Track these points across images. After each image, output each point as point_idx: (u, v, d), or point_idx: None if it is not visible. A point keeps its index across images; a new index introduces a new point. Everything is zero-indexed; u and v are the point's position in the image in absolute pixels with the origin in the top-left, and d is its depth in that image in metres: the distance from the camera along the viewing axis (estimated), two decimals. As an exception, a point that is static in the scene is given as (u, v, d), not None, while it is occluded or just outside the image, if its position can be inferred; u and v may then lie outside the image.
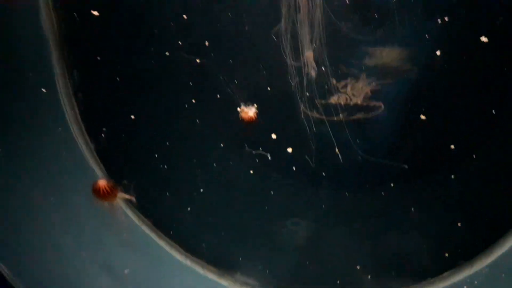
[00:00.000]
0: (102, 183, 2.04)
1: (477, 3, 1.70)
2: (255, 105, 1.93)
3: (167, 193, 2.21)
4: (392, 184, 2.02)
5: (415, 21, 1.73)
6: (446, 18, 1.69)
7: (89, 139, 2.05)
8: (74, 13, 1.90)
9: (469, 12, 1.69)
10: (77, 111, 2.01)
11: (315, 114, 1.91)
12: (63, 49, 1.96)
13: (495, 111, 1.83)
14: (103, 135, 2.07)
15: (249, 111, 1.93)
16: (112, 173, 2.12)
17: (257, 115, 1.93)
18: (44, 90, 1.96)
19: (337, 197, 2.07)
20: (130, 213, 2.18)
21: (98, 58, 1.97)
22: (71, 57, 1.97)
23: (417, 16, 1.72)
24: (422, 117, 1.86)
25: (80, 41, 1.98)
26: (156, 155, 2.10)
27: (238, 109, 1.94)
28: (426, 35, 1.74)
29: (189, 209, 2.18)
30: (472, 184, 1.98)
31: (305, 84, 1.86)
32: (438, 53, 1.76)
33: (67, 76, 1.98)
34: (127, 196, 2.12)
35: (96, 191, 2.04)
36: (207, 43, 1.88)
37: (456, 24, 1.71)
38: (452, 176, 1.96)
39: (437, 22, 1.70)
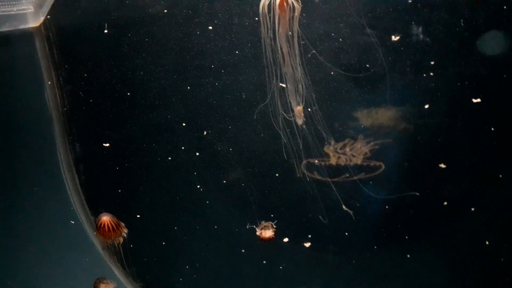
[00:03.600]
0: (107, 218, 1.91)
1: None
2: (272, 225, 1.98)
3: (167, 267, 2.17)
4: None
5: (406, 82, 1.77)
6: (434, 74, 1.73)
7: (89, 211, 2.04)
8: (79, 90, 1.97)
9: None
10: (78, 183, 2.02)
11: (316, 176, 1.90)
12: (65, 123, 2.01)
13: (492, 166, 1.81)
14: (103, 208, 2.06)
15: (267, 233, 1.97)
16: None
17: (275, 234, 1.98)
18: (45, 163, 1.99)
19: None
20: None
21: (100, 131, 2.01)
22: (73, 130, 2.02)
23: (408, 77, 1.76)
24: (442, 165, 1.83)
25: (83, 116, 2.03)
26: (157, 236, 2.09)
27: (257, 232, 1.98)
28: (417, 94, 1.78)
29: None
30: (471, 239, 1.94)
31: (305, 147, 1.88)
32: (426, 106, 1.78)
33: (69, 148, 2.01)
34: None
35: (101, 228, 1.90)
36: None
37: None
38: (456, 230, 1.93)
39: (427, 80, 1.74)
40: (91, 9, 1.88)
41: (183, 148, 1.97)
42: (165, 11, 1.81)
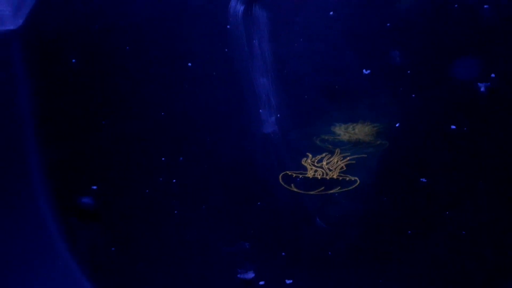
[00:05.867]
0: None
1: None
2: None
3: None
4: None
5: (383, 99, 1.83)
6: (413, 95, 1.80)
7: (61, 219, 1.99)
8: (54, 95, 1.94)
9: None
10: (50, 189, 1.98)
11: (293, 189, 1.92)
12: (38, 129, 1.97)
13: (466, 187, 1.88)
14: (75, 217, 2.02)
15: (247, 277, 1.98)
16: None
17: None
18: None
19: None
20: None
21: (76, 140, 1.98)
22: (47, 137, 1.98)
23: (385, 94, 1.83)
24: (423, 180, 1.87)
25: (57, 122, 2.00)
26: (130, 255, 2.06)
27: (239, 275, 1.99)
28: (394, 112, 1.84)
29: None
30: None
31: (282, 160, 1.91)
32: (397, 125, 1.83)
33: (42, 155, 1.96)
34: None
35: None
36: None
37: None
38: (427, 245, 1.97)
39: (408, 99, 1.81)
40: (73, 13, 1.87)
41: (160, 179, 1.97)
42: (150, 17, 1.82)
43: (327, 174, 1.91)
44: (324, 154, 1.90)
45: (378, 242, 1.98)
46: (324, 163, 1.91)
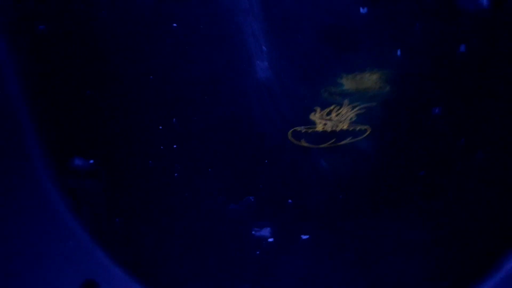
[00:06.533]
0: None
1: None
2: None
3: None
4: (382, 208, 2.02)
5: (388, 44, 1.76)
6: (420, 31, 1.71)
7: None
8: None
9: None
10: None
11: (303, 144, 1.89)
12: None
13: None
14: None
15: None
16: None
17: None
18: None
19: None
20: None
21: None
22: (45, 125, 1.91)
23: (390, 38, 1.75)
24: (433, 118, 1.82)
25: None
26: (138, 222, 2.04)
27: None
28: (401, 55, 1.77)
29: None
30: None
31: (290, 116, 1.86)
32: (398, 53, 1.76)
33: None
34: None
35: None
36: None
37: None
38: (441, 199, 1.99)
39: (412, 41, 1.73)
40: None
41: (162, 147, 1.91)
42: (153, 7, 1.69)
43: (337, 126, 1.87)
44: (332, 107, 1.85)
45: (391, 188, 2.00)
46: (333, 115, 1.86)
